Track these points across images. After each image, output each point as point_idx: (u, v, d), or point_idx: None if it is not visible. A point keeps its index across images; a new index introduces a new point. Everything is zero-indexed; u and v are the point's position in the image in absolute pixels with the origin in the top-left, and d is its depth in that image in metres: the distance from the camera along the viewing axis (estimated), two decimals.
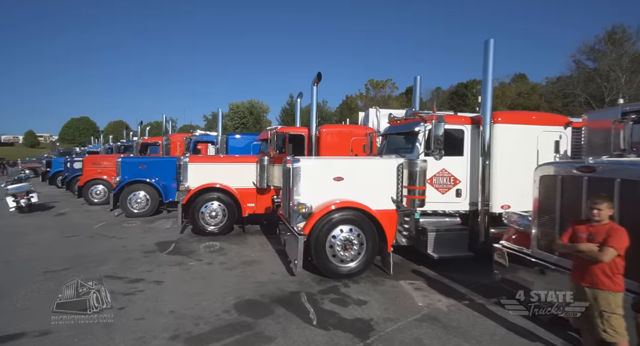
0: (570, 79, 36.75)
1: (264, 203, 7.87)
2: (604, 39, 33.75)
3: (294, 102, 59.87)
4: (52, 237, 7.27)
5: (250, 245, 6.61)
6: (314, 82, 7.35)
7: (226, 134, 10.74)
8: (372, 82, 63.37)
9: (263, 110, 67.16)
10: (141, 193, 9.85)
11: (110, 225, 8.64)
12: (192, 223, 7.34)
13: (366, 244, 4.66)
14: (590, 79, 33.31)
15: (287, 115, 58.74)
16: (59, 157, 23.11)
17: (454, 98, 58.18)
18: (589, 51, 35.36)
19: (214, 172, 7.73)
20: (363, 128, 8.11)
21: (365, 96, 62.87)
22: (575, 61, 39.72)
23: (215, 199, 7.46)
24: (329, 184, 4.96)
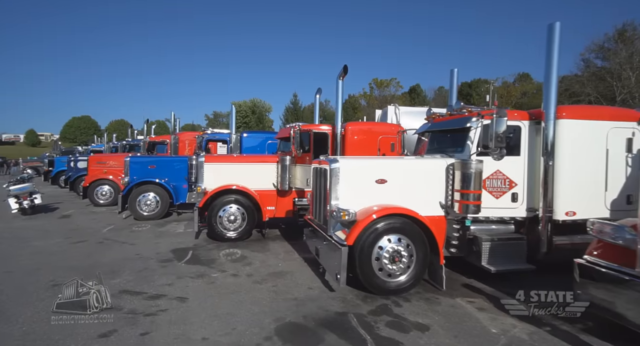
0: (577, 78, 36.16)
1: (285, 206, 7.34)
2: (614, 37, 33.15)
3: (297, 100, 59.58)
4: (58, 242, 6.75)
5: (274, 253, 6.07)
6: (339, 76, 6.81)
7: (239, 132, 10.20)
8: (377, 81, 62.75)
9: (265, 110, 66.67)
10: (151, 194, 9.33)
11: (119, 228, 8.12)
12: (209, 229, 6.81)
13: (416, 255, 4.12)
14: (600, 77, 32.74)
15: (290, 114, 58.31)
16: (61, 156, 22.63)
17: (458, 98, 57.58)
18: (598, 50, 34.80)
19: (232, 172, 7.19)
20: (392, 126, 7.56)
21: (370, 95, 62.30)
22: (584, 60, 39.11)
23: (233, 202, 6.93)
24: (371, 187, 4.43)
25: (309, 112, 61.71)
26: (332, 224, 4.39)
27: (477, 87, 63.14)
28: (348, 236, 3.97)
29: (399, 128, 7.52)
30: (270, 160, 7.38)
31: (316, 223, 5.07)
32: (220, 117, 75.02)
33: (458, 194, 4.34)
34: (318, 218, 4.97)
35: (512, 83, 59.51)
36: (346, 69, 6.73)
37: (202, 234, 7.27)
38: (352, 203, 4.28)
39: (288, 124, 8.26)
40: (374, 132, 7.30)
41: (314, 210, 5.23)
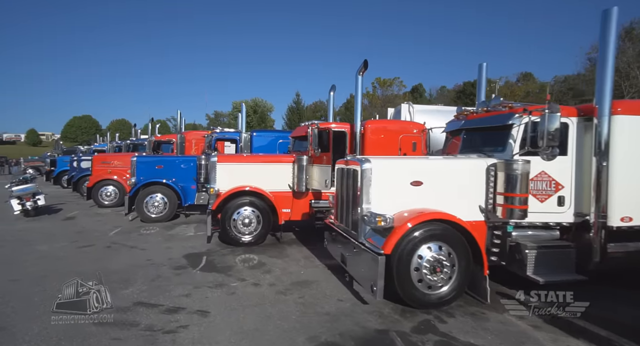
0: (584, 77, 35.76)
1: (301, 208, 6.99)
2: (621, 35, 32.73)
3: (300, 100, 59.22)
4: (63, 247, 6.40)
5: (294, 259, 5.73)
6: (359, 71, 6.45)
7: (250, 131, 9.84)
8: (379, 81, 62.37)
9: (267, 109, 66.28)
10: (158, 195, 8.98)
11: (126, 231, 7.78)
12: (223, 233, 6.46)
13: (458, 265, 3.76)
14: None
15: (293, 113, 57.91)
16: (63, 155, 22.31)
17: (461, 98, 57.13)
18: None
19: (246, 173, 6.84)
20: (413, 124, 7.20)
21: (373, 95, 61.89)
22: (590, 59, 38.75)
23: (248, 204, 6.57)
24: (405, 190, 4.08)
25: (310, 112, 61.42)
26: (364, 230, 4.05)
27: None
28: (385, 244, 3.61)
29: (421, 127, 7.17)
30: (286, 160, 7.03)
31: (342, 228, 4.72)
32: (221, 117, 74.71)
33: (501, 197, 3.99)
34: (345, 223, 4.62)
35: (515, 82, 59.16)
36: (366, 64, 6.37)
37: (214, 238, 6.93)
38: (385, 207, 3.94)
39: (302, 123, 7.90)
40: (395, 130, 6.94)
41: (338, 214, 4.88)
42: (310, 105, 61.89)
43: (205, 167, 9.29)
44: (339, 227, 4.83)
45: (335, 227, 4.96)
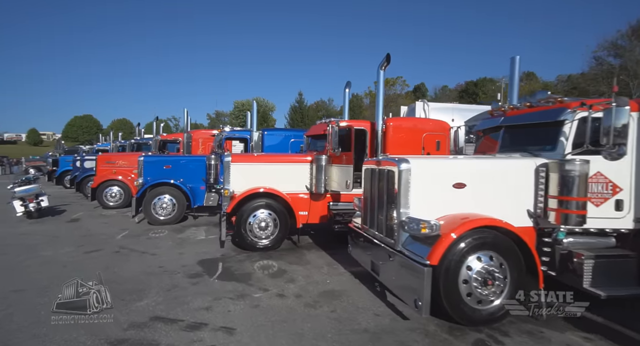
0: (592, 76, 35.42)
1: (318, 210, 6.62)
2: (628, 33, 32.33)
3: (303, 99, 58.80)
4: (69, 252, 6.04)
5: (316, 266, 5.35)
6: (381, 65, 6.09)
7: (261, 130, 9.47)
8: None
9: (269, 108, 65.95)
10: (166, 197, 8.62)
11: (134, 235, 7.42)
12: (239, 237, 6.09)
13: (510, 277, 3.39)
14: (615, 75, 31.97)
15: (296, 113, 57.53)
16: (65, 155, 21.99)
17: (464, 97, 56.86)
18: (611, 47, 34.02)
19: (261, 173, 6.47)
20: (437, 122, 6.83)
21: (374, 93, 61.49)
22: (595, 57, 38.33)
23: (264, 206, 6.20)
24: (447, 192, 3.70)
25: (313, 111, 60.97)
26: (401, 237, 3.68)
27: (483, 86, 62.39)
28: (431, 253, 3.24)
29: (445, 125, 6.80)
30: (303, 160, 6.66)
31: (371, 234, 4.36)
32: (222, 116, 74.39)
33: (554, 201, 3.61)
34: (376, 228, 4.25)
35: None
36: (389, 58, 6.00)
37: (226, 242, 6.57)
38: (425, 212, 3.57)
39: (319, 121, 7.53)
40: (418, 128, 6.56)
41: (368, 218, 4.51)
42: (311, 105, 61.51)
43: (215, 167, 8.93)
44: (368, 232, 4.47)
45: (363, 232, 4.60)
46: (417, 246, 3.48)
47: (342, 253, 5.78)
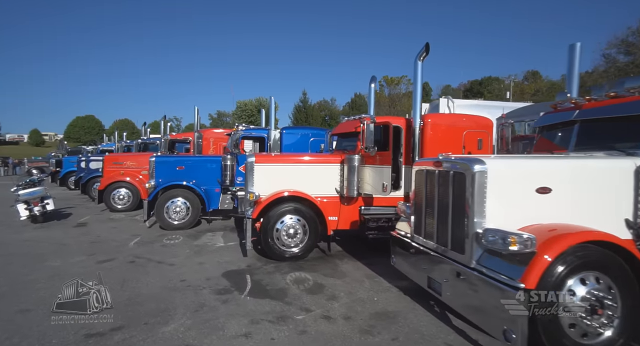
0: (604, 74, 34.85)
1: (349, 215, 6.07)
2: (639, 30, 31.68)
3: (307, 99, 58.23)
4: (79, 262, 5.51)
5: (355, 279, 4.80)
6: (419, 56, 5.53)
7: (280, 128, 8.92)
8: (387, 79, 61.43)
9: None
10: (180, 200, 8.09)
11: (147, 241, 6.88)
12: (265, 245, 5.54)
13: (622, 303, 2.82)
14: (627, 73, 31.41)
15: (300, 112, 56.98)
16: (68, 156, 21.50)
17: (469, 96, 56.20)
18: (621, 44, 33.44)
19: (288, 175, 5.93)
20: (480, 118, 6.27)
21: (380, 93, 60.83)
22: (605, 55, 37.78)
23: (292, 211, 5.66)
24: (530, 198, 3.14)
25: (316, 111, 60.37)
26: (474, 251, 3.12)
27: (488, 85, 61.78)
28: (526, 275, 2.67)
29: (488, 122, 6.24)
30: (333, 161, 6.11)
31: (427, 245, 3.80)
32: (224, 117, 73.84)
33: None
34: (435, 240, 3.69)
35: (521, 81, 58.06)
36: (428, 48, 5.45)
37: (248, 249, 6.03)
38: (503, 221, 3.02)
39: (345, 118, 6.98)
40: (459, 125, 6.00)
41: (422, 227, 3.95)
42: (314, 105, 60.96)
43: (231, 168, 8.41)
44: (421, 243, 3.92)
45: (414, 243, 4.05)
46: (501, 264, 2.91)
47: (381, 264, 5.25)
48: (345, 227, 6.07)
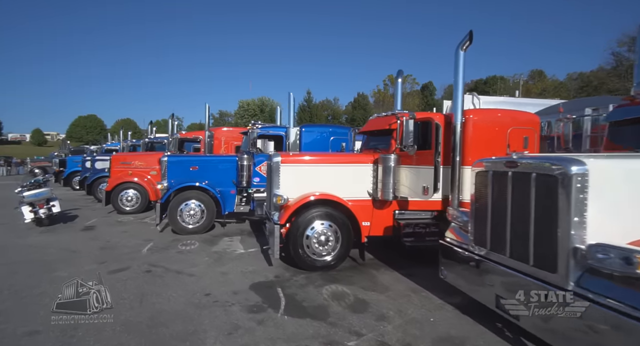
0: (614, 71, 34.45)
1: (382, 220, 5.57)
2: None
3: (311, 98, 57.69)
4: (91, 271, 5.01)
5: (400, 293, 4.28)
6: (461, 45, 5.00)
7: (299, 126, 8.42)
8: (391, 78, 60.70)
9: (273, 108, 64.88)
10: (194, 202, 7.59)
11: (162, 247, 6.39)
12: (295, 255, 5.04)
13: None
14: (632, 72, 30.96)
15: (304, 112, 56.43)
16: (72, 155, 21.08)
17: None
18: (631, 42, 32.97)
19: (317, 176, 5.45)
20: (526, 114, 5.76)
21: (384, 93, 60.26)
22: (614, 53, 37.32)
23: (324, 216, 5.16)
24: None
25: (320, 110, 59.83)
26: (572, 270, 2.61)
27: (493, 84, 61.15)
28: None
29: (534, 118, 5.72)
30: (365, 161, 5.61)
31: (494, 258, 3.30)
32: (226, 116, 73.39)
33: None
34: (507, 253, 3.18)
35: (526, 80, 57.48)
36: (471, 36, 4.93)
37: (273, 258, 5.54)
38: (608, 234, 2.52)
39: (378, 114, 6.46)
40: (503, 122, 5.48)
41: (488, 237, 3.43)
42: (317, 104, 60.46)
43: (247, 168, 7.93)
44: (483, 254, 3.42)
45: (475, 254, 3.54)
46: (620, 290, 2.39)
47: (422, 276, 4.75)
48: (377, 233, 5.56)
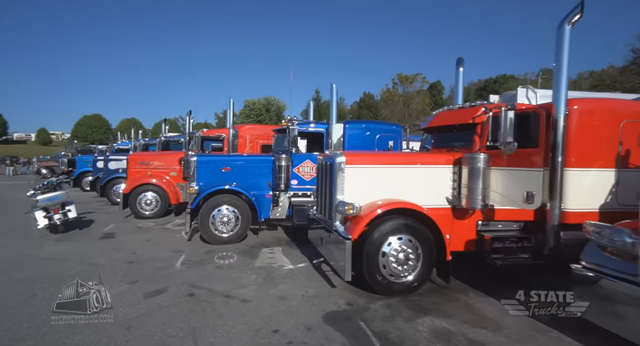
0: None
1: (463, 233, 4.67)
2: None
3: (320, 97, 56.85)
4: (122, 295, 4.14)
5: (518, 332, 3.34)
6: (568, 20, 4.10)
7: (343, 122, 7.52)
8: (401, 77, 59.67)
9: (280, 107, 63.98)
10: (228, 208, 6.73)
11: (196, 262, 5.52)
12: (370, 278, 4.13)
13: None
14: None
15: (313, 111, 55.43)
16: (79, 155, 20.33)
17: (483, 95, 54.42)
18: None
19: (385, 180, 4.58)
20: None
21: (394, 91, 59.15)
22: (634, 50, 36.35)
23: (403, 230, 4.26)
24: None
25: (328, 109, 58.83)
26: None
27: (503, 83, 59.93)
28: None
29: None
30: (443, 161, 4.71)
31: None
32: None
33: None
34: None
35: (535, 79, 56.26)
36: (582, 7, 4.01)
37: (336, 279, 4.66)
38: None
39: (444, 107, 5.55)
40: (618, 113, 4.51)
41: None
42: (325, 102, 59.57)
43: (286, 169, 7.06)
44: None
45: None
46: None
47: (527, 304, 3.82)
48: (457, 248, 4.65)
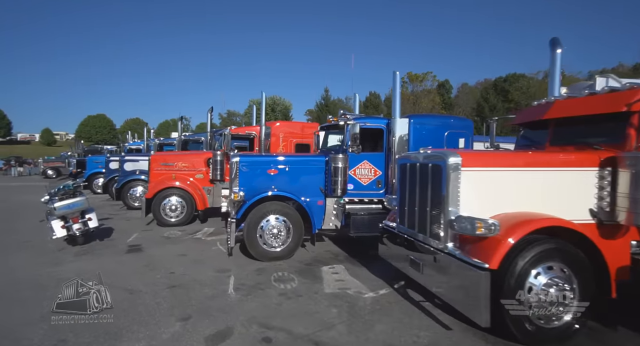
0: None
1: (615, 258, 3.52)
2: None
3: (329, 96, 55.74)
4: (178, 339, 3.10)
5: None
6: None
7: (407, 116, 6.43)
8: (410, 75, 58.42)
9: (286, 108, 62.94)
10: (277, 217, 5.66)
11: (251, 286, 4.45)
12: (513, 322, 3.06)
13: None
14: None
15: (322, 110, 54.34)
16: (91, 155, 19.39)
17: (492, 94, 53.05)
18: None
19: (514, 187, 3.50)
20: None
21: (403, 91, 57.93)
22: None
23: (553, 256, 3.16)
24: None
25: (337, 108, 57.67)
26: None
27: (514, 82, 58.53)
28: None
29: None
30: (585, 162, 3.63)
31: None
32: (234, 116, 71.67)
33: None
34: None
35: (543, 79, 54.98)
36: None
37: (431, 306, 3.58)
38: None
39: (562, 92, 4.47)
40: None
41: None
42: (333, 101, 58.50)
43: (343, 172, 5.98)
44: None
45: None
46: None
47: None
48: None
